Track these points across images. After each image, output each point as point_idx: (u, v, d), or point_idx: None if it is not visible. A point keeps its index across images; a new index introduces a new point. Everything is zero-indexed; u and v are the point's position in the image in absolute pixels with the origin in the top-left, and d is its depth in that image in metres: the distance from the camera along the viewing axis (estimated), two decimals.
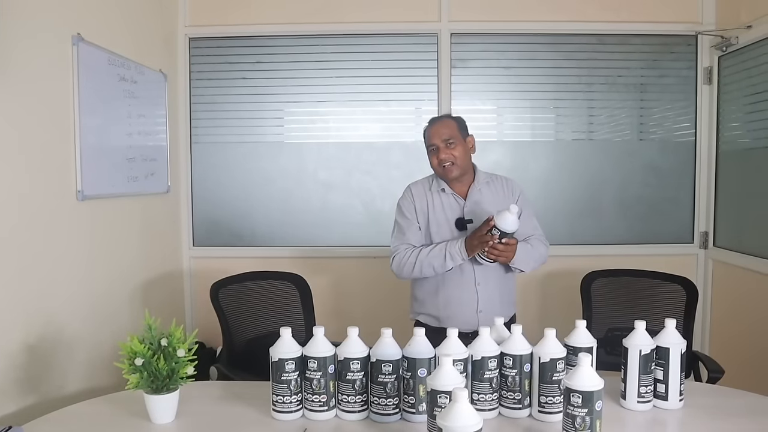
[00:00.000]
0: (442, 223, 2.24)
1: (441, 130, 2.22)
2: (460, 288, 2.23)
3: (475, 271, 2.22)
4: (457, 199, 2.26)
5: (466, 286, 2.22)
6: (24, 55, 2.00)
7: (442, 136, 2.20)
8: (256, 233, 3.46)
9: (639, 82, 3.41)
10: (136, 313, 2.73)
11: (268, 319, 2.63)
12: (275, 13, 3.34)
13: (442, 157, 2.19)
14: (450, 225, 2.24)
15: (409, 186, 2.34)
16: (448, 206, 2.25)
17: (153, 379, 1.63)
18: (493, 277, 2.25)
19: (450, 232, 2.23)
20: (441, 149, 2.20)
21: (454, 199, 2.26)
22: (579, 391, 1.44)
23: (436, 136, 2.21)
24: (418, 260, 2.18)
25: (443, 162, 2.20)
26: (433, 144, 2.21)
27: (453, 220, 2.24)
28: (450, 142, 2.19)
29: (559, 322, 1.88)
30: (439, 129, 2.22)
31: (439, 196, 2.26)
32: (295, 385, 1.68)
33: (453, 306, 2.22)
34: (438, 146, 2.20)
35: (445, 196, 2.26)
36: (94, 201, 2.41)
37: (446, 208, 2.25)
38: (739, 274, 3.11)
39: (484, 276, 2.23)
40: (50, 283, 2.15)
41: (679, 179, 3.42)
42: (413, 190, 2.31)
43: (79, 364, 2.31)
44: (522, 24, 3.35)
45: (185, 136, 3.40)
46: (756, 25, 2.94)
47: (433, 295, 2.26)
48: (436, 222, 2.24)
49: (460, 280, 2.22)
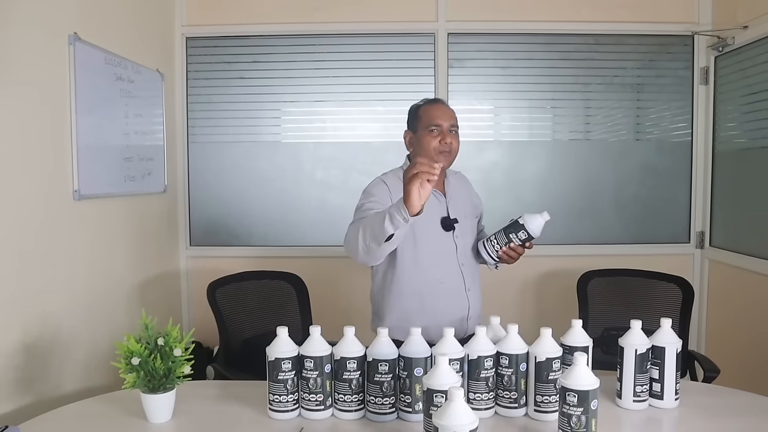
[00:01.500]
0: (426, 224, 1.97)
1: (447, 113, 2.02)
2: (451, 297, 2.03)
3: (464, 278, 2.05)
4: (437, 196, 2.05)
5: (457, 294, 2.04)
6: (20, 55, 1.99)
7: (448, 120, 2.00)
8: (253, 233, 3.46)
9: (636, 82, 3.42)
10: (133, 312, 2.73)
11: (264, 319, 2.63)
12: (272, 13, 3.34)
13: (447, 140, 1.98)
14: (435, 224, 2.03)
15: (382, 177, 2.07)
16: (428, 204, 1.96)
17: (150, 379, 1.63)
18: (477, 278, 2.11)
19: (434, 232, 2.02)
20: (445, 132, 1.98)
21: (434, 196, 2.03)
22: (575, 390, 1.45)
23: (441, 117, 2.00)
24: (361, 229, 1.77)
25: (445, 147, 1.98)
26: (438, 124, 1.99)
27: (436, 218, 2.03)
28: (453, 129, 2.01)
29: (556, 322, 1.89)
30: (446, 111, 2.02)
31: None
32: (292, 385, 1.68)
33: (440, 317, 1.96)
34: (443, 127, 1.99)
35: None
36: (90, 200, 2.41)
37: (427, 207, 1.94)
38: (735, 273, 3.11)
39: (471, 280, 2.07)
40: (47, 283, 2.15)
41: (676, 179, 3.43)
42: (388, 182, 2.03)
43: (76, 364, 2.30)
44: (519, 24, 3.35)
45: (182, 135, 3.40)
46: (752, 25, 2.95)
47: (414, 307, 2.01)
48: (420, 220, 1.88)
49: (451, 289, 2.03)
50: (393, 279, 2.04)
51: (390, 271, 2.04)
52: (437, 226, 2.03)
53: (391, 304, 2.05)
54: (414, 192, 1.58)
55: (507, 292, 3.35)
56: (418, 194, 1.59)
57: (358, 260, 1.83)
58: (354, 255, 1.83)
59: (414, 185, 1.58)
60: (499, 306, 2.28)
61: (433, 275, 2.02)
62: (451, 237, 2.05)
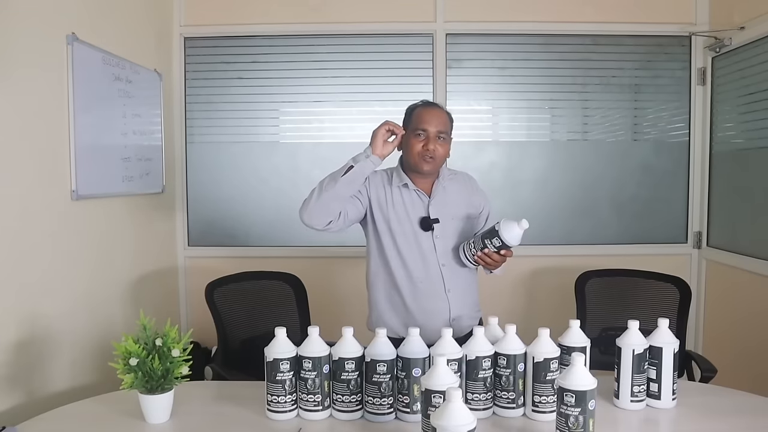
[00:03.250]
0: (403, 221, 2.05)
1: (438, 119, 2.04)
2: (430, 297, 2.06)
3: (444, 278, 2.07)
4: (420, 196, 2.08)
5: (436, 295, 2.06)
6: (18, 55, 1.99)
7: (436, 125, 2.02)
8: (251, 233, 3.46)
9: (633, 83, 3.42)
10: (131, 313, 2.73)
11: (263, 319, 2.63)
12: (270, 13, 3.34)
13: (430, 147, 2.00)
14: (413, 224, 2.06)
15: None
16: (410, 203, 2.07)
17: (148, 379, 1.64)
18: (461, 281, 2.11)
19: (413, 231, 2.05)
20: (431, 138, 2.01)
21: (417, 196, 2.07)
22: (572, 390, 1.45)
23: (430, 122, 2.02)
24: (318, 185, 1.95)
25: (428, 153, 2.01)
26: (423, 129, 2.01)
27: (415, 218, 2.06)
28: (441, 135, 2.03)
29: (554, 322, 1.89)
30: (436, 116, 2.04)
31: (400, 191, 2.07)
32: (290, 385, 1.68)
33: (422, 316, 2.03)
34: (429, 133, 2.01)
35: (407, 192, 2.07)
36: (88, 201, 2.40)
37: (407, 205, 2.06)
38: (733, 273, 3.12)
39: (453, 282, 2.08)
40: (44, 284, 2.14)
41: (673, 179, 3.44)
42: (369, 177, 2.06)
43: (73, 364, 2.30)
44: (517, 25, 3.35)
45: (180, 135, 3.39)
46: (749, 26, 2.96)
47: (399, 306, 2.08)
48: (397, 219, 2.05)
49: (427, 288, 2.06)
50: (373, 272, 2.13)
51: (373, 264, 2.12)
52: (415, 224, 2.07)
53: (375, 298, 2.13)
54: (379, 137, 1.94)
55: (504, 292, 3.35)
56: (381, 140, 1.94)
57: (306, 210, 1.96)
58: (304, 205, 1.98)
59: (380, 132, 1.94)
60: (496, 306, 2.28)
61: (411, 274, 2.07)
62: (430, 237, 2.07)
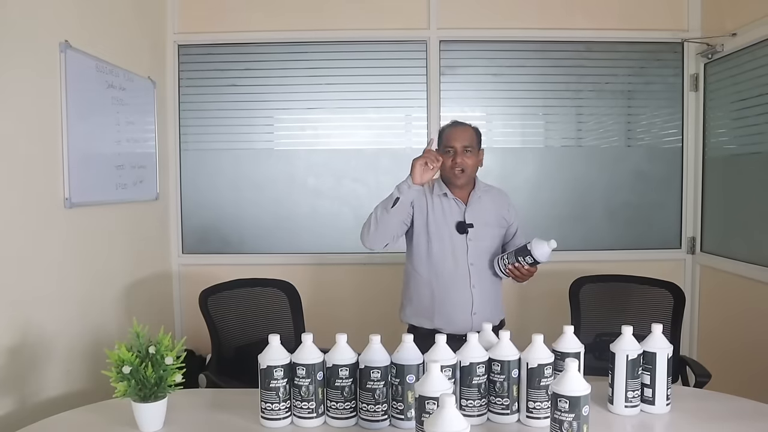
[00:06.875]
0: (441, 225, 2.27)
1: (462, 134, 2.27)
2: (455, 289, 2.26)
3: (470, 273, 2.26)
4: (458, 204, 2.30)
5: (461, 287, 2.26)
6: (11, 62, 1.99)
7: (462, 141, 2.25)
8: (245, 240, 3.45)
9: (626, 89, 3.44)
10: (125, 320, 2.71)
11: (257, 327, 2.63)
12: (264, 21, 3.35)
13: (458, 161, 2.24)
14: (450, 228, 2.27)
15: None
16: (448, 210, 2.29)
17: (141, 387, 1.63)
18: (487, 279, 2.29)
19: (449, 235, 2.26)
20: (458, 153, 2.24)
21: (455, 204, 2.30)
22: (566, 396, 1.45)
23: (455, 139, 2.26)
24: (374, 209, 2.20)
25: (457, 166, 2.24)
26: (452, 146, 2.26)
27: (453, 222, 2.27)
28: (467, 149, 2.25)
29: (548, 328, 1.89)
30: (461, 133, 2.28)
31: (440, 199, 2.29)
32: (284, 392, 1.68)
33: (447, 307, 2.25)
34: (456, 149, 2.25)
35: (447, 201, 2.29)
36: (82, 209, 2.40)
37: (446, 212, 2.28)
38: (726, 279, 3.13)
39: (478, 278, 2.27)
40: (38, 292, 2.14)
41: (667, 185, 3.45)
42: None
43: (67, 372, 2.29)
44: (510, 31, 3.37)
45: (174, 143, 3.39)
46: (741, 32, 2.98)
47: (427, 297, 2.28)
48: (436, 223, 2.27)
49: (455, 282, 2.26)
50: (411, 271, 2.34)
51: (410, 264, 2.35)
52: (452, 228, 2.28)
53: (410, 294, 2.35)
54: (417, 167, 2.11)
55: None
56: (420, 170, 2.10)
57: (368, 238, 2.20)
58: (365, 232, 2.21)
59: (418, 163, 2.11)
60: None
61: (443, 269, 2.27)
62: (464, 239, 2.27)
